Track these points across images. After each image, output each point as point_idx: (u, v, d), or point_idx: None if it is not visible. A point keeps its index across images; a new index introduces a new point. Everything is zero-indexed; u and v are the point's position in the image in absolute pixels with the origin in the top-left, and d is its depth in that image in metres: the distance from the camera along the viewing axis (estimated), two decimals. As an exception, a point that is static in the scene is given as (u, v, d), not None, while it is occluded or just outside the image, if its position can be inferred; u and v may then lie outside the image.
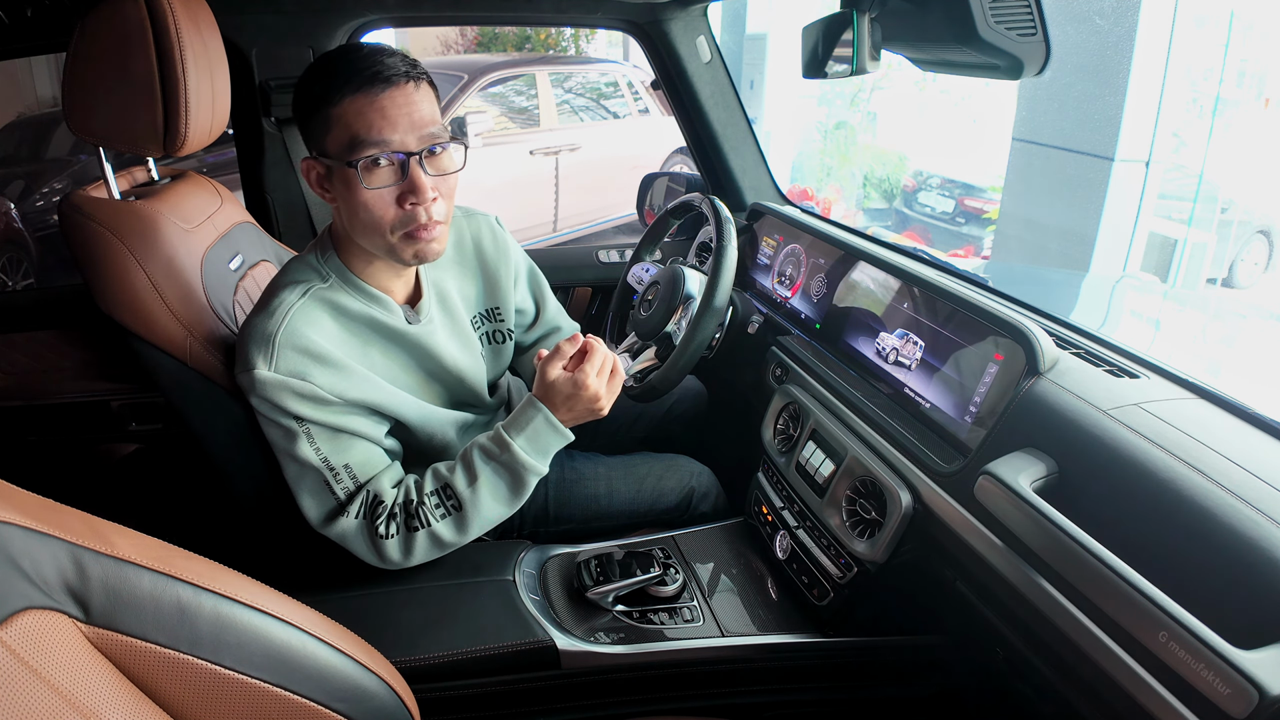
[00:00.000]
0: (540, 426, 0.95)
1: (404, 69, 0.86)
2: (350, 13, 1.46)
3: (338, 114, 0.85)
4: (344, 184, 0.87)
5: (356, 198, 0.86)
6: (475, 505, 0.94)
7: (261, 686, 0.53)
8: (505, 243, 1.11)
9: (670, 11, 1.53)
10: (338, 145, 0.86)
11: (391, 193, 0.87)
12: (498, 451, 0.95)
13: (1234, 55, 4.71)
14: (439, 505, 0.94)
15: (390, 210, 0.87)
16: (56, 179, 4.94)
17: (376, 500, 0.94)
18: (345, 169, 0.85)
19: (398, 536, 0.94)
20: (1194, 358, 2.18)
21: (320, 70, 0.87)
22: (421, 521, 0.94)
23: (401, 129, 0.85)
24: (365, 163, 0.85)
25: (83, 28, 0.93)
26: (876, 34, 0.97)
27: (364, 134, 0.84)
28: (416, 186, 0.86)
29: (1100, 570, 0.64)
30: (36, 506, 0.46)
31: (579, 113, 5.48)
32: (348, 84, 0.84)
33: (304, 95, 0.88)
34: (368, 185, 0.85)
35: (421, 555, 0.95)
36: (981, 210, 5.70)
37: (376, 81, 0.84)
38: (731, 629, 1.00)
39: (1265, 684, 0.54)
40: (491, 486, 0.95)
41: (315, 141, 0.89)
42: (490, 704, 0.94)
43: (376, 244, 0.91)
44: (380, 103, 0.84)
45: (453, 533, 0.95)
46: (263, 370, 0.88)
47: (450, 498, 0.95)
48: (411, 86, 0.86)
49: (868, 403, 1.03)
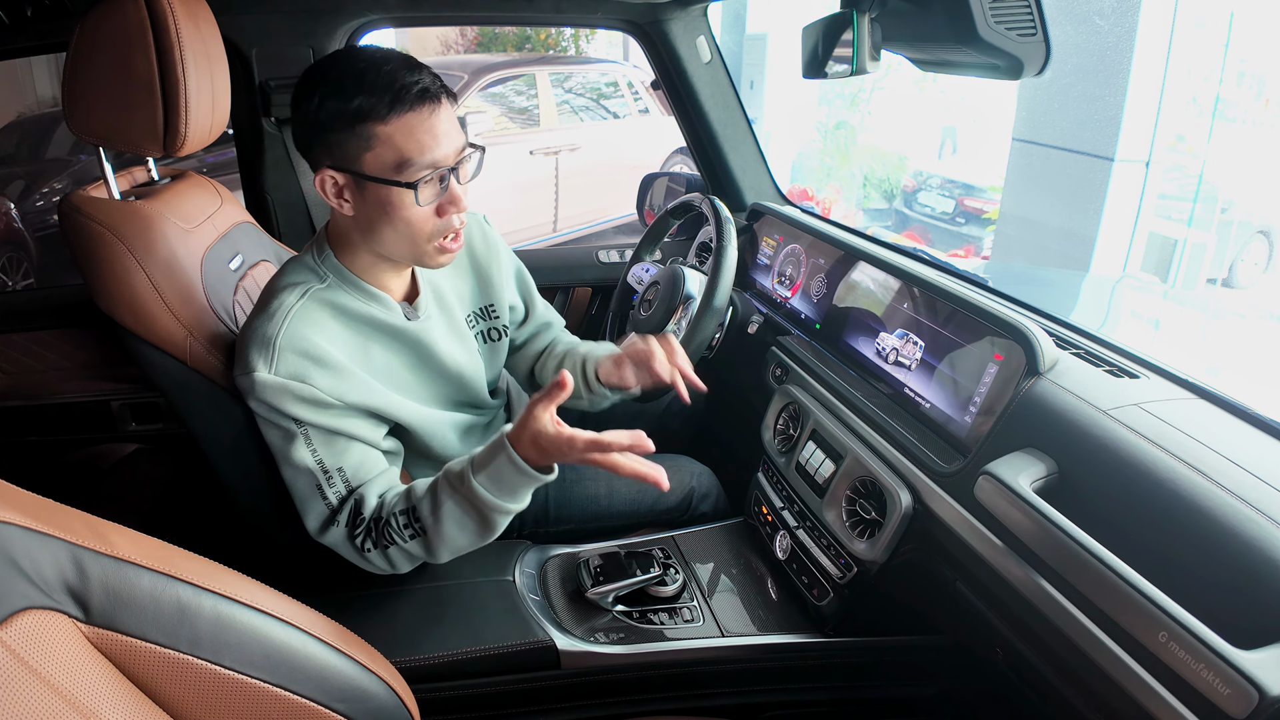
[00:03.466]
0: (503, 466, 0.87)
1: (440, 85, 0.87)
2: (350, 13, 1.46)
3: (384, 132, 0.84)
4: (382, 200, 0.87)
5: (401, 214, 0.87)
6: (439, 534, 0.90)
7: (261, 686, 0.53)
8: (495, 241, 1.12)
9: (670, 11, 1.53)
10: (381, 164, 0.85)
11: (433, 206, 0.89)
12: (459, 485, 0.89)
13: (1234, 55, 4.71)
14: (407, 525, 0.91)
15: (430, 223, 0.90)
16: (56, 179, 4.94)
17: (357, 511, 0.92)
18: (386, 187, 0.86)
19: (375, 551, 0.93)
20: (1194, 358, 2.18)
21: (351, 83, 0.83)
22: (388, 539, 0.92)
23: (445, 145, 0.87)
24: (423, 181, 0.86)
25: (83, 28, 0.93)
26: (876, 34, 0.97)
27: (416, 155, 0.85)
28: (456, 198, 0.90)
29: (1100, 570, 0.64)
30: (36, 506, 0.46)
31: (579, 113, 5.48)
32: (397, 103, 0.83)
33: (333, 109, 0.84)
34: (423, 203, 0.87)
35: (404, 566, 0.95)
36: (981, 210, 5.70)
37: (425, 99, 0.84)
38: (731, 629, 1.00)
39: (1265, 684, 0.54)
40: (456, 519, 0.89)
41: (343, 155, 0.86)
42: (490, 704, 0.94)
43: (403, 252, 0.92)
44: (431, 123, 0.85)
45: (423, 552, 0.93)
46: (263, 373, 0.87)
47: (417, 520, 0.91)
48: (448, 102, 0.88)
49: (868, 403, 1.03)
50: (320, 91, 0.85)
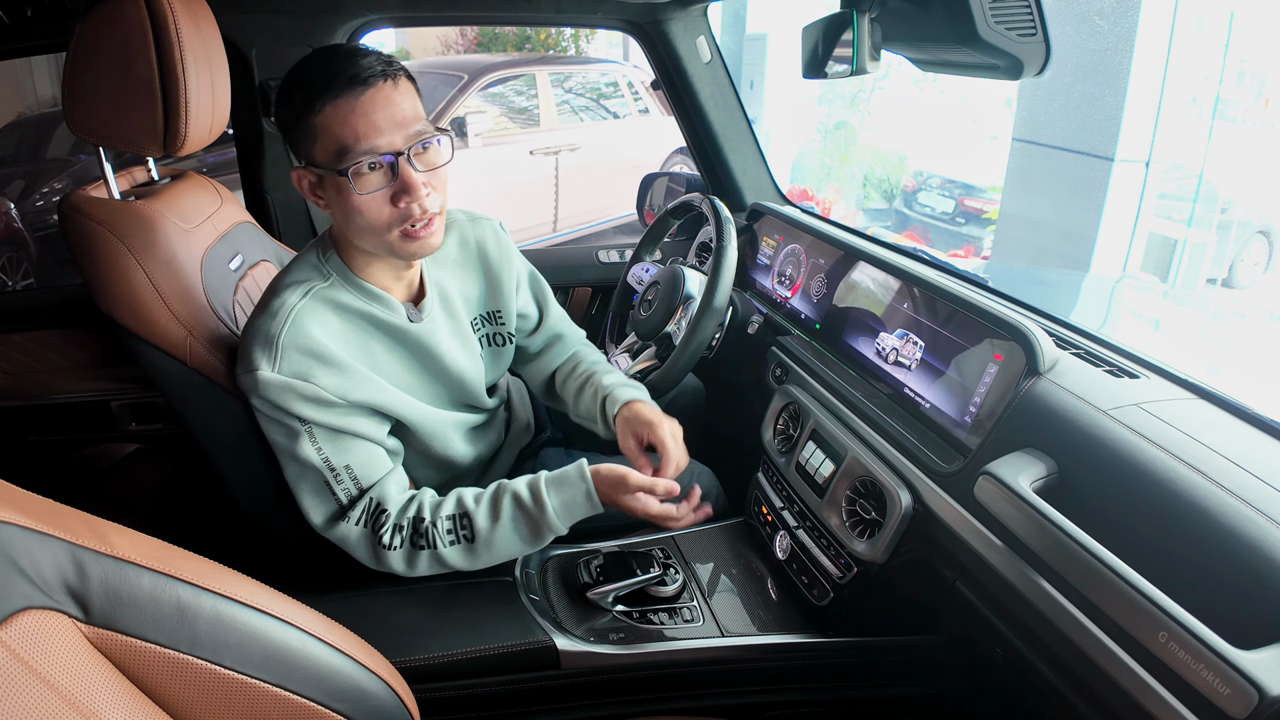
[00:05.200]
0: (578, 498, 0.96)
1: (379, 68, 0.84)
2: (350, 13, 1.46)
3: (321, 123, 0.84)
4: (337, 191, 0.87)
5: (350, 203, 0.86)
6: (490, 544, 0.95)
7: (261, 686, 0.53)
8: (508, 248, 1.11)
9: (670, 11, 1.53)
10: (325, 154, 0.85)
11: (385, 194, 0.87)
12: (530, 504, 0.95)
13: (1234, 55, 4.71)
14: (451, 531, 0.94)
15: (385, 210, 0.87)
16: (56, 179, 4.94)
17: (380, 509, 0.93)
18: (336, 177, 0.85)
19: (401, 550, 0.94)
20: (1194, 358, 2.18)
21: (296, 80, 0.85)
22: (429, 542, 0.94)
23: (387, 130, 0.85)
24: (355, 169, 0.84)
25: (83, 28, 0.93)
26: (876, 34, 0.97)
27: (350, 141, 0.84)
28: (409, 185, 0.86)
29: (1100, 570, 0.64)
30: (36, 506, 0.46)
31: (579, 113, 5.48)
32: (326, 91, 0.83)
33: (285, 107, 0.87)
34: (360, 191, 0.85)
35: (422, 571, 0.96)
36: (981, 210, 5.70)
37: (355, 85, 0.83)
38: (731, 629, 1.00)
39: (1265, 684, 0.54)
40: (512, 531, 0.95)
41: (303, 151, 0.88)
42: (490, 704, 0.94)
43: (376, 244, 0.91)
44: (362, 107, 0.83)
45: (460, 559, 0.96)
46: (266, 371, 0.87)
47: (466, 528, 0.95)
48: (390, 85, 0.85)
49: (868, 403, 1.03)
50: (279, 95, 0.88)
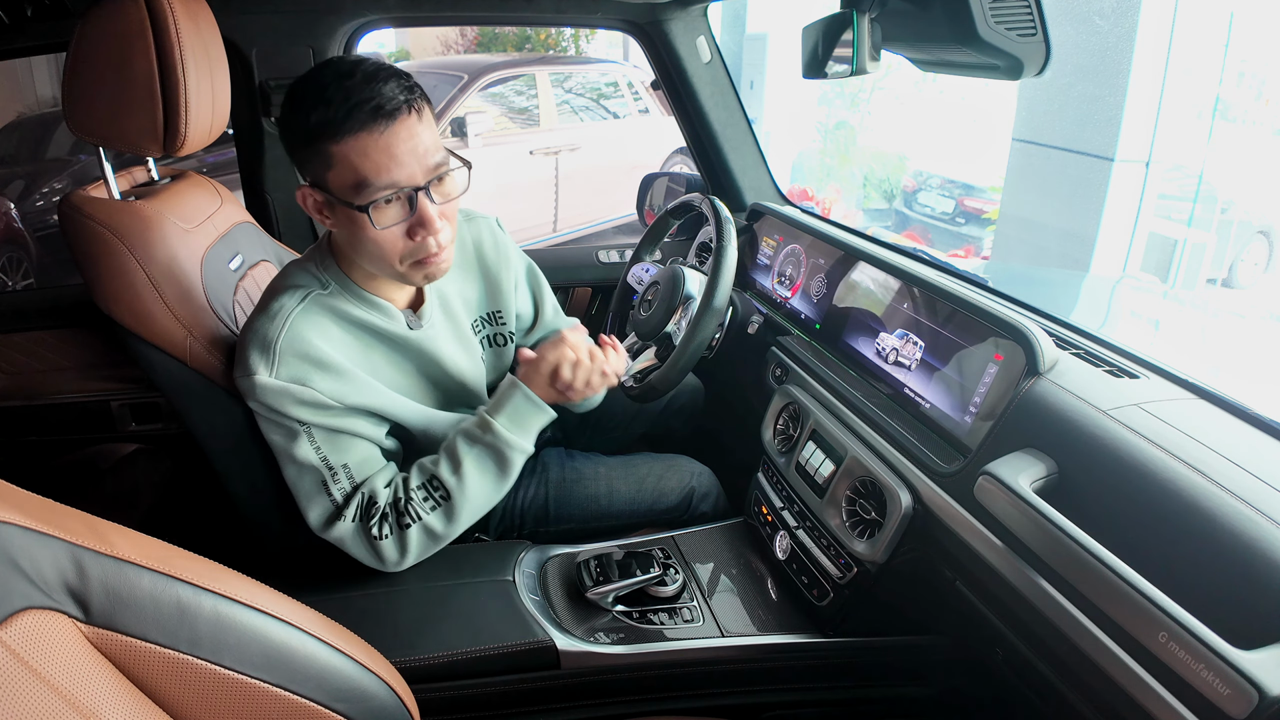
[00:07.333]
0: (520, 404, 0.96)
1: (403, 98, 0.81)
2: (350, 13, 1.46)
3: (340, 152, 0.80)
4: (349, 220, 0.84)
5: (364, 234, 0.84)
6: (463, 491, 0.95)
7: (261, 686, 0.53)
8: (506, 246, 1.11)
9: (670, 11, 1.53)
10: (341, 184, 0.82)
11: (401, 227, 0.85)
12: (480, 434, 0.96)
13: (1234, 55, 4.71)
14: (427, 498, 0.95)
15: (400, 244, 0.86)
16: (56, 179, 4.94)
17: (370, 502, 0.94)
18: (353, 211, 0.83)
19: (392, 536, 0.94)
20: (1194, 358, 2.18)
21: (310, 98, 0.80)
22: (412, 517, 0.94)
23: (408, 164, 0.82)
24: (375, 205, 0.82)
25: (83, 28, 0.93)
26: (876, 34, 0.97)
27: (371, 175, 0.80)
28: (426, 221, 0.84)
29: (1100, 570, 0.64)
30: (36, 506, 0.46)
31: (579, 113, 5.48)
32: (348, 119, 0.78)
33: (294, 125, 0.82)
34: (379, 226, 0.83)
35: (417, 552, 0.96)
36: (981, 210, 5.70)
37: (379, 117, 0.79)
38: (731, 629, 1.00)
39: (1265, 684, 0.54)
40: (478, 470, 0.96)
41: (312, 172, 0.84)
42: (490, 704, 0.94)
43: (384, 271, 0.91)
44: (384, 141, 0.80)
45: (444, 524, 0.95)
46: (263, 376, 0.87)
47: (438, 488, 0.95)
48: (414, 118, 0.82)
49: (868, 403, 1.03)
50: (289, 106, 0.83)
